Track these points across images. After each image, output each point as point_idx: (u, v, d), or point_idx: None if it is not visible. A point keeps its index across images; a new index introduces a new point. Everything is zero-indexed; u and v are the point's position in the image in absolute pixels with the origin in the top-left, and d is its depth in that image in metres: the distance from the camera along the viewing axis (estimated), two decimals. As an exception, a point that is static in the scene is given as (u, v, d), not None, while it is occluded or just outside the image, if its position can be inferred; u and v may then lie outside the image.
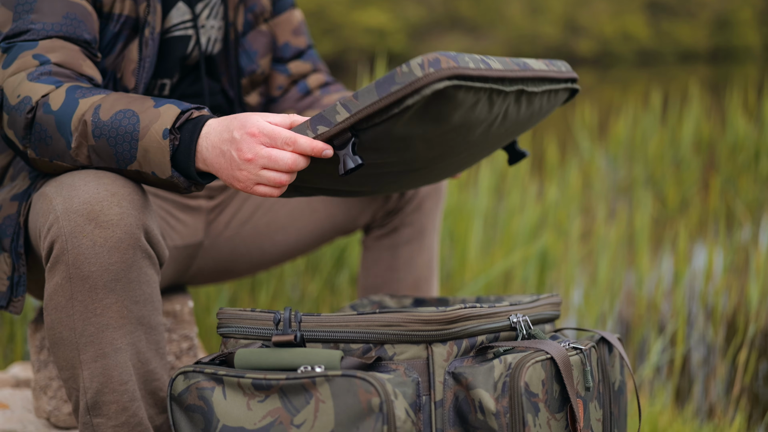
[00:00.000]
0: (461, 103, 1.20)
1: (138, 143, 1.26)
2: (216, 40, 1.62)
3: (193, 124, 1.26)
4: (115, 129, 1.27)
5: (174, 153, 1.26)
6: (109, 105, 1.29)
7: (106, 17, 1.46)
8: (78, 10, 1.40)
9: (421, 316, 1.20)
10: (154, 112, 1.27)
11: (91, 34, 1.41)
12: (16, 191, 1.42)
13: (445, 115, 1.21)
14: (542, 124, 7.14)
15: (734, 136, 4.71)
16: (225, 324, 1.29)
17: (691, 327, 2.79)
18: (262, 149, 1.21)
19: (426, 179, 1.50)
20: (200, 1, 1.58)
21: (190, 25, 1.57)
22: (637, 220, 3.22)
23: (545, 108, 1.41)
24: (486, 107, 1.25)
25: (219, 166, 1.25)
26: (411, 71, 1.15)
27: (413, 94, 1.15)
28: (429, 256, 1.80)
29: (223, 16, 1.62)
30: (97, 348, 1.28)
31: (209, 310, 2.44)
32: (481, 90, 1.21)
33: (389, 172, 1.37)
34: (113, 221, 1.25)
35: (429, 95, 1.15)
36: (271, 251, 1.76)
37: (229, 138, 1.23)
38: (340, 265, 2.70)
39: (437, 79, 1.15)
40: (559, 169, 4.32)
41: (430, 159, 1.35)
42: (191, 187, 1.29)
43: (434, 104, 1.17)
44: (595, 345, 1.33)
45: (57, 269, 1.27)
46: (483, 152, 1.46)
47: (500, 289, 2.85)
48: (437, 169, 1.44)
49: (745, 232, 3.63)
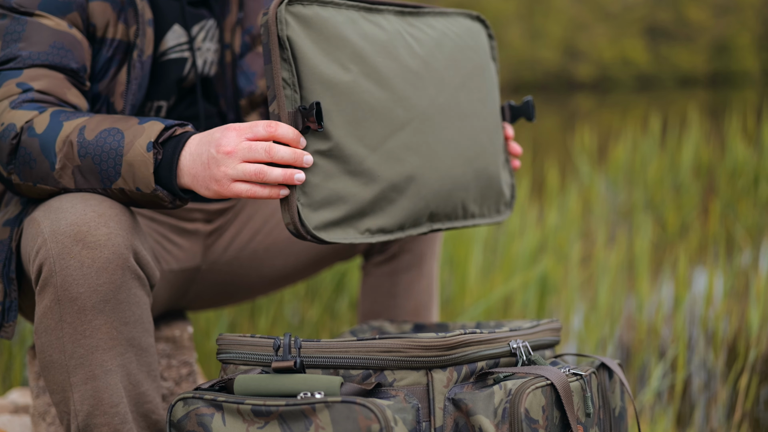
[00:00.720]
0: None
1: (123, 158, 1.27)
2: (212, 63, 1.63)
3: (177, 140, 1.28)
4: (100, 147, 1.28)
5: (157, 167, 1.27)
6: (94, 125, 1.30)
7: (100, 42, 1.47)
8: (66, 39, 1.41)
9: (421, 342, 1.20)
10: (139, 128, 1.29)
11: (79, 62, 1.42)
12: (8, 216, 1.43)
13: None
14: (542, 148, 7.15)
15: (733, 161, 4.72)
16: (225, 350, 1.29)
17: (692, 352, 2.78)
18: (243, 141, 1.23)
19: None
20: (196, 23, 1.59)
21: (186, 47, 1.58)
22: (637, 244, 3.22)
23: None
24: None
25: (196, 172, 1.26)
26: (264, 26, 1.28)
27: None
28: (428, 282, 1.80)
29: (219, 38, 1.63)
30: (87, 370, 1.28)
31: (209, 335, 2.44)
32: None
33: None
34: (101, 242, 1.25)
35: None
36: (270, 276, 1.76)
37: (209, 140, 1.25)
38: (339, 290, 2.69)
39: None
40: (558, 194, 4.32)
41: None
42: (175, 202, 1.29)
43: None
44: (595, 371, 1.32)
45: (46, 292, 1.27)
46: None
47: (500, 314, 2.84)
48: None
49: (745, 257, 3.63)
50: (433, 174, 1.41)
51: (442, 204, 1.44)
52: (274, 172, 1.23)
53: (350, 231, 1.32)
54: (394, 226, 1.37)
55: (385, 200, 1.35)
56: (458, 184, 1.46)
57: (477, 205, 1.51)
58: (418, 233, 1.42)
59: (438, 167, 1.42)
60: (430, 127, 1.42)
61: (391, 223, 1.37)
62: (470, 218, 1.51)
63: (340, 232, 1.31)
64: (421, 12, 1.49)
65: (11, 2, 1.39)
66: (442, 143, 1.43)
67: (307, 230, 1.27)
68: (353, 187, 1.31)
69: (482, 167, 1.51)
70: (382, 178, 1.34)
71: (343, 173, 1.30)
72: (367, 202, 1.33)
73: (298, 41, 1.29)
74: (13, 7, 1.39)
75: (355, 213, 1.32)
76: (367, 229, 1.33)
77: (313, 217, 1.28)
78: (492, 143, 1.54)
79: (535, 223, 3.53)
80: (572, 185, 4.28)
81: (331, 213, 1.29)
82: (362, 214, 1.33)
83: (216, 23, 1.62)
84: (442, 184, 1.43)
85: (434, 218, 1.44)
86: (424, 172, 1.40)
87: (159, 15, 1.54)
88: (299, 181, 1.25)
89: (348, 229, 1.31)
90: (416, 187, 1.38)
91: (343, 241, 1.31)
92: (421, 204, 1.40)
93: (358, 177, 1.32)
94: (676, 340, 2.66)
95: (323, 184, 1.28)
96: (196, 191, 1.29)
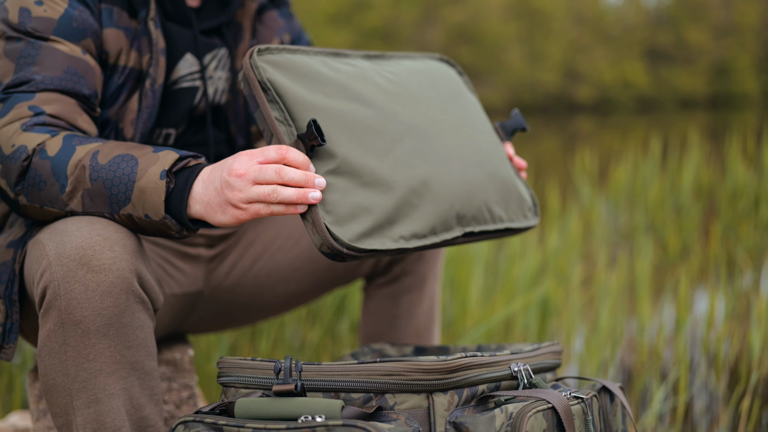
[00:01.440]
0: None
1: (135, 184, 1.28)
2: (223, 91, 1.64)
3: (189, 171, 1.29)
4: (112, 171, 1.29)
5: (168, 196, 1.28)
6: (107, 150, 1.31)
7: (112, 69, 1.48)
8: (79, 65, 1.42)
9: (422, 365, 1.20)
10: (153, 156, 1.29)
11: (91, 89, 1.43)
12: (12, 238, 1.43)
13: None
14: (543, 170, 7.16)
15: (734, 183, 4.73)
16: (225, 373, 1.29)
17: (694, 374, 2.78)
18: (254, 163, 1.24)
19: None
20: (208, 52, 1.60)
21: (198, 76, 1.59)
22: (638, 266, 3.22)
23: None
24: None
25: (209, 199, 1.26)
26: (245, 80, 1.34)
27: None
28: (430, 304, 1.80)
29: (230, 67, 1.64)
30: (90, 394, 1.28)
31: (209, 358, 2.44)
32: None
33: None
34: (105, 266, 1.25)
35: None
36: (272, 301, 1.76)
37: (221, 166, 1.27)
38: (340, 312, 2.69)
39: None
40: (559, 216, 4.32)
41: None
42: (182, 231, 1.30)
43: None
44: (596, 394, 1.32)
45: (50, 315, 1.27)
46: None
47: (501, 336, 2.84)
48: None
49: (747, 279, 3.62)
50: (446, 176, 1.42)
51: (465, 205, 1.43)
52: (288, 191, 1.24)
53: (385, 240, 1.32)
54: (426, 230, 1.37)
55: (407, 205, 1.35)
56: (475, 186, 1.46)
57: (501, 208, 1.50)
58: (452, 237, 1.41)
59: (449, 170, 1.43)
60: (427, 137, 1.43)
61: (422, 227, 1.36)
62: (499, 221, 1.49)
63: (376, 241, 1.30)
64: (386, 56, 1.54)
65: (26, 26, 1.40)
66: (444, 149, 1.44)
67: (342, 243, 1.27)
68: (373, 196, 1.32)
69: (493, 171, 1.51)
70: (398, 183, 1.35)
71: (359, 186, 1.31)
72: (392, 209, 1.33)
73: (278, 80, 1.33)
74: (28, 31, 1.40)
75: (383, 221, 1.32)
76: (401, 236, 1.33)
77: (344, 231, 1.28)
78: (494, 151, 1.55)
79: (535, 245, 3.53)
80: (573, 207, 4.28)
81: (360, 225, 1.29)
82: (390, 221, 1.33)
83: (228, 52, 1.63)
84: (459, 186, 1.43)
85: (463, 221, 1.43)
86: (437, 175, 1.40)
87: (172, 44, 1.55)
88: (314, 199, 1.25)
89: (382, 238, 1.31)
90: (434, 189, 1.39)
91: (381, 248, 1.30)
92: (444, 206, 1.40)
93: (375, 187, 1.32)
94: (678, 363, 2.66)
95: (343, 200, 1.29)
96: (209, 220, 1.29)
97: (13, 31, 1.41)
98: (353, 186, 1.31)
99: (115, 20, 1.47)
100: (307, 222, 1.27)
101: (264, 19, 1.71)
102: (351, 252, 1.27)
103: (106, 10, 1.47)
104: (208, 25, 1.60)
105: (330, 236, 1.26)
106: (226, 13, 1.62)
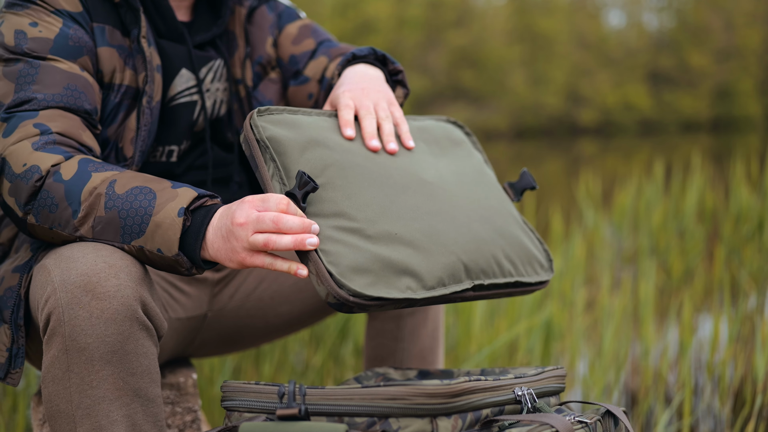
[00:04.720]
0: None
1: (151, 218, 1.28)
2: (222, 102, 1.65)
3: (206, 211, 1.30)
4: (129, 202, 1.29)
5: (183, 233, 1.28)
6: (125, 180, 1.31)
7: (107, 87, 1.48)
8: (79, 81, 1.43)
9: (426, 389, 1.19)
10: (172, 191, 1.30)
11: (92, 105, 1.44)
12: (18, 263, 1.43)
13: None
14: (546, 193, 7.16)
15: (737, 206, 4.72)
16: (229, 397, 1.29)
17: (698, 398, 2.77)
18: (254, 212, 1.24)
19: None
20: (204, 65, 1.61)
21: (195, 90, 1.60)
22: (641, 290, 3.21)
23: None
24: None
25: (218, 246, 1.28)
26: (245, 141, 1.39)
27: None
28: (434, 327, 1.80)
29: (228, 77, 1.64)
30: (93, 421, 1.27)
31: (213, 382, 2.43)
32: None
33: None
34: (110, 293, 1.25)
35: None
36: (275, 323, 1.76)
37: (227, 213, 1.28)
38: (344, 336, 2.69)
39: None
40: (563, 239, 4.32)
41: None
42: (192, 270, 1.31)
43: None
44: (600, 418, 1.32)
45: (54, 341, 1.27)
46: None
47: (505, 359, 2.83)
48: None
49: (751, 302, 3.61)
50: (453, 228, 1.42)
51: (473, 257, 1.42)
52: (284, 239, 1.24)
53: (392, 290, 1.31)
54: (434, 281, 1.36)
55: (411, 256, 1.35)
56: (482, 239, 1.45)
57: (510, 262, 1.48)
58: (462, 289, 1.40)
59: (455, 222, 1.42)
60: (431, 190, 1.44)
61: (429, 278, 1.35)
62: (509, 275, 1.47)
63: (382, 290, 1.30)
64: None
65: (23, 48, 1.41)
66: (450, 202, 1.45)
67: (348, 290, 1.27)
68: (376, 249, 1.32)
69: (501, 226, 1.50)
70: (401, 236, 1.35)
71: (361, 239, 1.32)
72: (397, 260, 1.33)
73: (277, 135, 1.36)
74: (25, 52, 1.41)
75: (389, 272, 1.31)
76: (408, 286, 1.33)
77: (350, 279, 1.28)
78: (502, 208, 1.54)
79: (539, 268, 3.52)
80: (576, 230, 4.28)
81: (366, 277, 1.29)
82: (397, 272, 1.32)
83: (223, 62, 1.64)
84: (466, 238, 1.42)
85: (471, 273, 1.41)
86: (442, 227, 1.40)
87: (167, 60, 1.56)
88: (311, 245, 1.25)
89: (388, 289, 1.31)
90: (439, 240, 1.39)
91: (388, 296, 1.29)
92: (452, 257, 1.39)
93: (378, 240, 1.33)
94: (682, 387, 2.65)
95: (347, 253, 1.29)
96: (221, 263, 1.31)
97: (10, 54, 1.42)
98: (356, 239, 1.31)
99: (107, 39, 1.48)
100: (312, 274, 1.28)
101: (254, 20, 1.70)
102: (357, 299, 1.27)
103: (99, 29, 1.48)
104: (201, 39, 1.61)
105: (335, 284, 1.26)
106: (219, 25, 1.63)
